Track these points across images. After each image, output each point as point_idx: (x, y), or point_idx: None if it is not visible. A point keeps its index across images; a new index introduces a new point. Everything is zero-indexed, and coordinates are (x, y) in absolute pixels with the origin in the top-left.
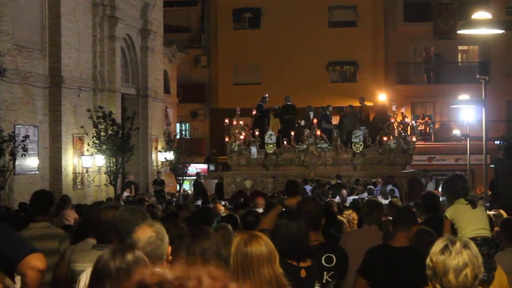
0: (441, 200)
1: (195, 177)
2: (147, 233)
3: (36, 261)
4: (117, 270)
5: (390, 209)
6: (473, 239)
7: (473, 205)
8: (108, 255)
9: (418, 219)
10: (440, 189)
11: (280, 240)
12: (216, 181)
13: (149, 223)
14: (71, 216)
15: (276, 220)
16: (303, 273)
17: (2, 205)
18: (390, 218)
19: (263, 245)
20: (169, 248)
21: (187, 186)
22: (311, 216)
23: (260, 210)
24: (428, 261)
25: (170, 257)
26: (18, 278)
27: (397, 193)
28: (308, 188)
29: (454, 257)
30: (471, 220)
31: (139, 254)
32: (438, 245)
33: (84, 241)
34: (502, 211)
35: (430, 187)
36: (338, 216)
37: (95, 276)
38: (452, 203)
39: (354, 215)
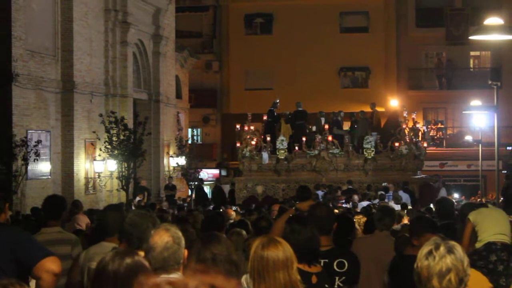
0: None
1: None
2: (164, 238)
3: (51, 265)
4: (114, 272)
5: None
6: (493, 243)
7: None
8: (108, 258)
9: None
10: (453, 195)
11: (290, 244)
12: (228, 186)
13: (165, 227)
14: (83, 221)
15: (286, 225)
16: (314, 279)
17: (14, 210)
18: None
19: (280, 250)
20: (186, 252)
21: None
22: (323, 221)
23: None
24: (415, 266)
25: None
26: (32, 282)
27: (408, 199)
28: (320, 193)
29: (437, 262)
30: (493, 224)
31: (139, 259)
32: (424, 249)
33: (98, 244)
34: None
35: (443, 193)
36: None
37: (96, 276)
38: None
39: (363, 220)
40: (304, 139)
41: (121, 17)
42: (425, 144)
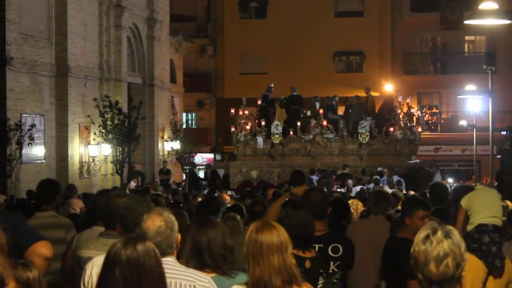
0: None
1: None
2: (156, 223)
3: (43, 249)
4: (127, 258)
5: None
6: (484, 225)
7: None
8: (120, 244)
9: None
10: (448, 180)
11: (284, 229)
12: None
13: (158, 211)
14: (77, 205)
15: (280, 210)
16: (307, 264)
17: (8, 194)
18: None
19: (274, 234)
20: (179, 236)
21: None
22: (317, 206)
23: None
24: (411, 250)
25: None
26: None
27: (404, 185)
28: (314, 178)
29: (435, 246)
30: (485, 208)
31: (150, 245)
32: (421, 234)
33: (91, 229)
34: (508, 202)
35: (437, 178)
36: None
37: (107, 263)
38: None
39: (359, 205)
40: (298, 123)
41: (115, 0)
42: (419, 129)
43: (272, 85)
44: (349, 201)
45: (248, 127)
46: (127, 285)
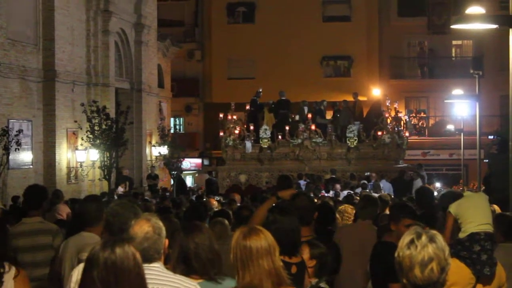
0: (435, 194)
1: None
2: (144, 228)
3: None
4: (105, 260)
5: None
6: (476, 234)
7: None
8: (99, 246)
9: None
10: (435, 184)
11: (271, 235)
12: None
13: (146, 217)
14: (64, 211)
15: (267, 215)
16: (294, 269)
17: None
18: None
19: (262, 238)
20: (166, 242)
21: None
22: (303, 211)
23: None
24: (396, 255)
25: (167, 251)
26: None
27: (391, 189)
28: (302, 183)
29: (419, 251)
30: (475, 215)
31: (130, 248)
32: (405, 238)
33: (78, 234)
34: (496, 206)
35: (418, 183)
36: None
37: (86, 265)
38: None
39: (350, 210)
40: (287, 128)
41: (103, 5)
42: (407, 133)
43: (261, 90)
44: (339, 207)
45: (236, 132)
46: (104, 287)
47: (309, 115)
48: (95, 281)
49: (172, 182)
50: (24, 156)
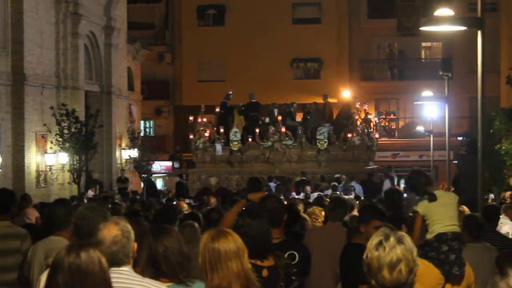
0: (405, 196)
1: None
2: (112, 232)
3: None
4: (69, 265)
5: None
6: (443, 234)
7: (433, 197)
8: (64, 251)
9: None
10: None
11: (241, 238)
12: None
13: (114, 221)
14: (33, 215)
15: (237, 219)
16: (265, 273)
17: None
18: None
19: (231, 241)
20: (135, 245)
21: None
22: (273, 214)
23: None
24: (364, 256)
25: (136, 254)
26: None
27: (361, 191)
28: (272, 185)
29: (388, 252)
30: (443, 216)
31: (95, 252)
32: (373, 240)
33: (47, 239)
34: (465, 207)
35: (387, 185)
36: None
37: (51, 270)
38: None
39: (318, 211)
40: (257, 130)
41: (72, 8)
42: (377, 135)
43: (231, 92)
44: (308, 209)
45: (206, 134)
46: None
47: (279, 117)
48: (59, 285)
49: (142, 185)
50: None
